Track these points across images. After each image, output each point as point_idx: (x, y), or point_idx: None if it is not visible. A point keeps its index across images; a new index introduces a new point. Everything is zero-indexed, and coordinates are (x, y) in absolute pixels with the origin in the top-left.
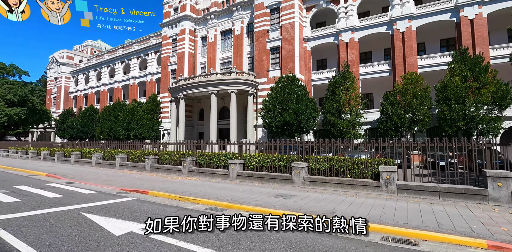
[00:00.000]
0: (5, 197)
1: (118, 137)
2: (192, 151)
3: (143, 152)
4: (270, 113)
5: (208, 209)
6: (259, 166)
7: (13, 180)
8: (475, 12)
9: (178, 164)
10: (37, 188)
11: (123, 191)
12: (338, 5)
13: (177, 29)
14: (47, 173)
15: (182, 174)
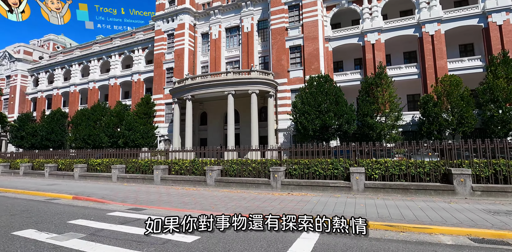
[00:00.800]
0: (93, 247)
1: (100, 145)
2: (209, 159)
3: (166, 161)
4: (306, 115)
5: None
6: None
7: (44, 211)
8: (503, 18)
9: (201, 173)
10: (111, 222)
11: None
12: (362, 6)
13: (174, 24)
14: (70, 194)
15: (207, 185)
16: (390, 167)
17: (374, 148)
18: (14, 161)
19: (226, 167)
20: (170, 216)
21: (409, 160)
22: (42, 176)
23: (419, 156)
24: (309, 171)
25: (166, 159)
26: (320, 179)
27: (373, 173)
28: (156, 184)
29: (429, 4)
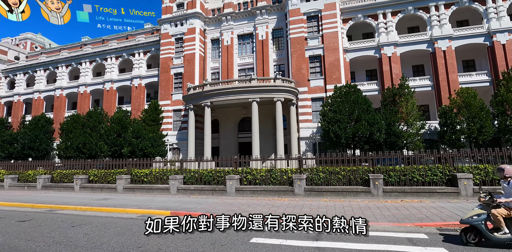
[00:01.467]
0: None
1: (97, 154)
2: (231, 168)
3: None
4: (339, 124)
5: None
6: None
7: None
8: (506, 38)
9: (280, 183)
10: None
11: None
12: (377, 21)
13: (183, 28)
14: (158, 209)
15: (294, 195)
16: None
17: (420, 156)
18: (24, 172)
19: (311, 175)
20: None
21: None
22: (70, 190)
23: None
24: (405, 177)
25: (179, 168)
26: (417, 185)
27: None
28: (229, 195)
29: (440, 22)
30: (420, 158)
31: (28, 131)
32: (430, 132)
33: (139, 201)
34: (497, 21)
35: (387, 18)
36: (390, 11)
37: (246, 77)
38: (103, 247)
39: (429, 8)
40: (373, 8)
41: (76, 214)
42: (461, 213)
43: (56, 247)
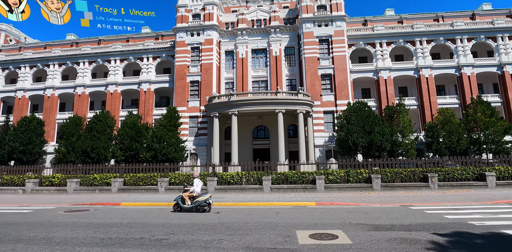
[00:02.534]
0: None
1: (106, 158)
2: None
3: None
4: (355, 134)
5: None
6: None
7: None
8: (470, 71)
9: (356, 181)
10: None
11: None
12: (375, 48)
13: (200, 38)
14: (308, 201)
15: (373, 190)
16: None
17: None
18: (87, 176)
19: (382, 175)
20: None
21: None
22: (154, 192)
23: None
24: (448, 175)
25: (212, 172)
26: (456, 181)
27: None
28: (319, 192)
29: (423, 54)
30: (427, 163)
31: (19, 132)
32: (418, 142)
33: (267, 198)
34: (464, 57)
35: (383, 47)
36: (385, 41)
37: (260, 89)
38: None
39: (415, 42)
40: (372, 38)
41: (251, 208)
42: (492, 196)
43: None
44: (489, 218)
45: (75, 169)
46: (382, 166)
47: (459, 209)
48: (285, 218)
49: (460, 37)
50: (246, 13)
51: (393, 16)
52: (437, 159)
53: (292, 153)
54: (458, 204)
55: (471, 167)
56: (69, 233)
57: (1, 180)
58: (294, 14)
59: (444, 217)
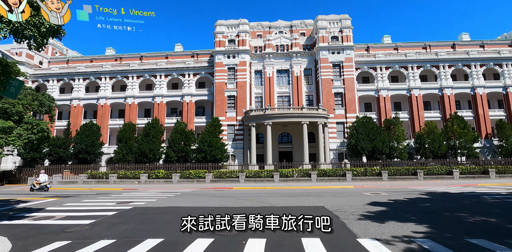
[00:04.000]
0: None
1: (159, 159)
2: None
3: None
4: (362, 141)
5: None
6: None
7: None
8: (450, 91)
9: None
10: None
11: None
12: (376, 72)
13: (235, 60)
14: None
15: (382, 180)
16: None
17: (409, 163)
18: (185, 171)
19: (388, 170)
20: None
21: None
22: (236, 182)
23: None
24: (430, 171)
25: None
26: (434, 175)
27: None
28: (348, 181)
29: (414, 77)
30: (416, 163)
31: (84, 136)
32: (409, 148)
33: (315, 184)
34: (445, 81)
35: (382, 71)
36: (384, 66)
37: (284, 103)
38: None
39: (407, 67)
40: (374, 63)
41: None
42: (455, 183)
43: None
44: (446, 190)
45: (131, 167)
46: (383, 166)
47: (433, 188)
48: (348, 191)
49: (443, 64)
50: (271, 39)
51: (390, 43)
52: (423, 160)
53: (310, 155)
54: (434, 186)
55: (444, 166)
56: (194, 205)
57: (117, 174)
58: (310, 41)
59: (426, 189)
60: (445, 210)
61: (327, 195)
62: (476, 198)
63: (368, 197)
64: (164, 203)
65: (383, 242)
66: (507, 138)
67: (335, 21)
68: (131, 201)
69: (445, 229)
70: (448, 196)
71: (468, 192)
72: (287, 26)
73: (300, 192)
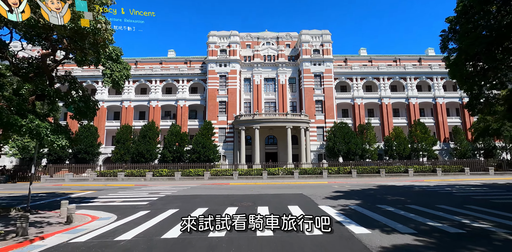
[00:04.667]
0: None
1: (154, 159)
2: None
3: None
4: (339, 144)
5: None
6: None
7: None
8: (415, 101)
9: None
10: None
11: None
12: (352, 82)
13: (227, 68)
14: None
15: (322, 178)
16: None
17: (379, 163)
18: (185, 170)
19: (357, 169)
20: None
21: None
22: (230, 178)
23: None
24: (391, 170)
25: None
26: (395, 173)
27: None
28: (324, 178)
29: (384, 87)
30: (384, 164)
31: (83, 137)
32: (379, 149)
33: (298, 180)
34: (411, 91)
35: (357, 81)
36: (359, 77)
37: (270, 109)
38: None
39: (379, 78)
40: (350, 74)
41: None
42: (410, 179)
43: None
44: (394, 184)
45: (129, 167)
46: (355, 165)
47: (388, 182)
48: (322, 185)
49: (409, 77)
50: (260, 50)
51: (365, 56)
52: (391, 160)
53: (293, 156)
54: (390, 182)
55: (402, 165)
56: (209, 193)
57: (125, 172)
58: (295, 53)
59: (381, 183)
60: (379, 194)
61: (306, 187)
62: (409, 188)
63: (335, 188)
64: (185, 192)
65: (331, 206)
66: (461, 142)
67: (317, 35)
68: (158, 192)
69: (370, 201)
70: (392, 187)
71: (408, 185)
72: (274, 38)
73: (285, 186)
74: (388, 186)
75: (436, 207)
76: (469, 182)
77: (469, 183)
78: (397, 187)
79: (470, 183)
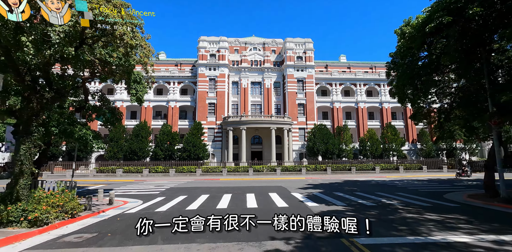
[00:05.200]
0: None
1: (146, 156)
2: (259, 166)
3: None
4: (318, 144)
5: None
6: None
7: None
8: (388, 105)
9: (297, 170)
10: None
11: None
12: (332, 87)
13: (216, 72)
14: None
15: (301, 174)
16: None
17: (353, 162)
18: (179, 167)
19: (332, 166)
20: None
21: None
22: (219, 175)
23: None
24: (361, 168)
25: (235, 165)
26: (364, 170)
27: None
28: (303, 175)
29: (361, 92)
30: (357, 162)
31: None
32: (355, 149)
33: (280, 176)
34: (385, 96)
35: (336, 86)
36: (338, 83)
37: (256, 111)
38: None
39: (356, 84)
40: (330, 80)
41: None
42: (376, 175)
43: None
44: (357, 179)
45: (121, 164)
46: (332, 163)
47: (354, 178)
48: (299, 180)
49: (383, 83)
50: (247, 55)
51: (345, 63)
52: (365, 159)
53: (277, 154)
54: (357, 178)
55: (371, 163)
56: (205, 185)
57: (123, 169)
58: (280, 59)
59: (348, 179)
60: (341, 186)
61: (285, 181)
62: (367, 182)
63: (309, 182)
64: (185, 185)
65: (299, 193)
66: (426, 143)
67: (300, 43)
68: (161, 185)
69: (329, 190)
70: (355, 181)
71: (369, 180)
72: (261, 43)
73: (268, 180)
74: (353, 181)
75: (374, 193)
76: (420, 178)
77: (419, 178)
78: (359, 181)
79: (420, 178)
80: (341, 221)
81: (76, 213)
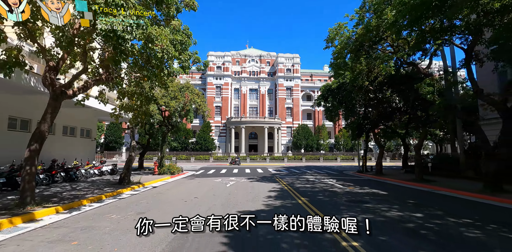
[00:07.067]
0: None
1: (169, 148)
2: (255, 156)
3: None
4: (300, 139)
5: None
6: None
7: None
8: None
9: (280, 159)
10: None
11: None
12: (314, 93)
13: (221, 81)
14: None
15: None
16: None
17: (327, 154)
18: (199, 155)
19: (288, 157)
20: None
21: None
22: (226, 161)
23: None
24: (331, 158)
25: (237, 156)
26: (332, 160)
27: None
28: (285, 162)
29: None
30: (326, 154)
31: (113, 131)
32: (330, 144)
33: (269, 163)
34: None
35: (318, 93)
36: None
37: (253, 112)
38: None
39: None
40: (313, 88)
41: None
42: (337, 164)
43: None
44: (317, 165)
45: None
46: (311, 155)
47: (317, 164)
48: (280, 166)
49: None
50: (246, 67)
51: (327, 73)
52: (338, 152)
53: (269, 147)
54: (321, 164)
55: (334, 155)
56: (220, 166)
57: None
58: (273, 70)
59: (312, 165)
60: (302, 168)
61: (270, 166)
62: (318, 166)
63: (285, 166)
64: (209, 166)
65: (274, 170)
66: None
67: (289, 58)
68: (195, 166)
69: (291, 170)
70: (315, 166)
71: (325, 165)
72: (258, 56)
73: (260, 166)
74: (314, 166)
75: (311, 170)
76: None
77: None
78: (317, 166)
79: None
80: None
81: (176, 173)
